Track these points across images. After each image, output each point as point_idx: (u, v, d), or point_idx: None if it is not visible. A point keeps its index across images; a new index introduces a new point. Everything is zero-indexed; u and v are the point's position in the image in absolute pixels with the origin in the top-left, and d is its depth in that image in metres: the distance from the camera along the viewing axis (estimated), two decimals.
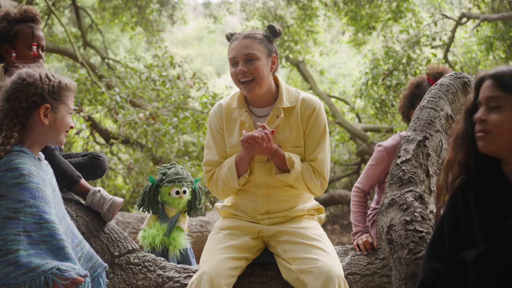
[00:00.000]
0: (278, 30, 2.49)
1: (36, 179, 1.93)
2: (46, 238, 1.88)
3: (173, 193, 3.14)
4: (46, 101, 2.02)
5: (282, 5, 10.47)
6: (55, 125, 2.05)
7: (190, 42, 23.79)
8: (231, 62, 2.46)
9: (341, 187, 10.64)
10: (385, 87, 8.17)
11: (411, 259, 1.92)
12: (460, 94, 2.58)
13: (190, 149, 7.54)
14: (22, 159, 1.93)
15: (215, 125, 2.57)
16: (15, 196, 1.85)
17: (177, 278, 2.56)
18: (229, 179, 2.47)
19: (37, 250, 1.85)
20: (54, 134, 2.06)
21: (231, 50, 2.44)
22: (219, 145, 2.56)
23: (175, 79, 7.17)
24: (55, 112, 2.04)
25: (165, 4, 10.75)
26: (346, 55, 14.55)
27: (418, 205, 2.12)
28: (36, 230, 1.86)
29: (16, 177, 1.88)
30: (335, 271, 2.20)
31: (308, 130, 2.48)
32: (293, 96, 2.52)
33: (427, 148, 2.34)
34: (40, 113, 2.01)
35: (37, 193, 1.90)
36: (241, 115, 2.50)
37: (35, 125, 2.02)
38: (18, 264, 1.79)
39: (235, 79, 2.45)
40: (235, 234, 2.48)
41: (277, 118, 2.46)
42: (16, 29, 2.71)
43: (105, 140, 8.60)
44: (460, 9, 9.91)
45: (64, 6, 9.99)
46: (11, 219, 1.83)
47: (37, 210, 1.88)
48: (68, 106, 2.09)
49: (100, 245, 2.57)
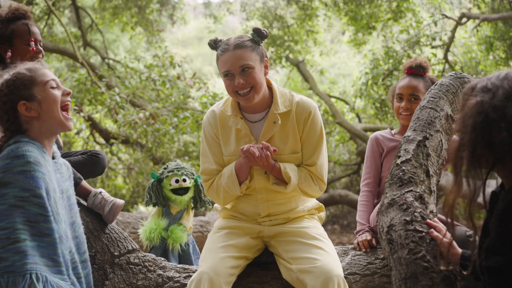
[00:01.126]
0: (265, 32, 2.44)
1: (42, 169, 1.91)
2: (49, 232, 1.88)
3: (173, 182, 3.16)
4: (16, 100, 1.99)
5: (282, 5, 10.47)
6: (44, 109, 2.01)
7: (190, 42, 23.79)
8: (224, 74, 2.38)
9: (341, 187, 10.65)
10: (385, 87, 8.17)
11: (411, 259, 1.91)
12: (460, 94, 2.58)
13: (190, 149, 7.54)
14: (30, 147, 1.92)
15: (210, 133, 2.52)
16: (21, 184, 1.84)
17: (177, 278, 2.56)
18: (230, 187, 2.45)
19: (39, 242, 1.85)
20: (51, 117, 2.02)
21: (224, 63, 2.36)
22: (215, 153, 2.52)
23: (175, 79, 7.17)
24: (35, 100, 2.00)
25: (165, 4, 10.76)
26: (346, 55, 14.56)
27: (418, 205, 2.12)
28: (41, 222, 1.86)
29: (22, 164, 1.86)
30: (335, 270, 2.20)
31: (305, 135, 2.46)
32: (287, 99, 2.48)
33: (427, 148, 2.34)
34: (22, 112, 1.99)
35: (43, 184, 1.89)
36: (237, 123, 2.46)
37: (29, 122, 2.01)
38: (26, 253, 1.80)
39: (231, 91, 2.39)
40: (235, 233, 2.48)
41: (274, 124, 2.44)
42: (11, 29, 2.72)
43: (105, 140, 8.60)
44: (460, 9, 9.91)
45: (64, 6, 10.00)
46: (18, 207, 1.83)
47: (43, 202, 1.87)
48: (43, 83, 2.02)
49: (100, 245, 2.57)
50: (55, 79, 2.07)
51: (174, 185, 3.18)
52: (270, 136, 2.45)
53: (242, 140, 2.47)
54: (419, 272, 1.87)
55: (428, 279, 1.84)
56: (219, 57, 2.40)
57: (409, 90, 2.87)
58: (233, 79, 2.37)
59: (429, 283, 1.83)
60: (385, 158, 2.87)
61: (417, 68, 2.93)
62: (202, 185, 3.27)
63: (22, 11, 2.76)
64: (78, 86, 7.21)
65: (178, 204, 3.22)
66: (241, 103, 2.44)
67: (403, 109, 2.88)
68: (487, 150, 1.61)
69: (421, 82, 2.89)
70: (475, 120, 1.62)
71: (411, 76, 2.94)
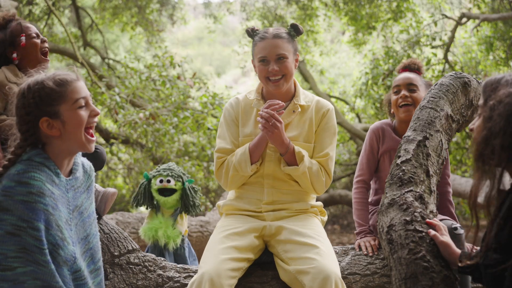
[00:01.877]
0: (301, 29, 2.62)
1: (46, 200, 1.83)
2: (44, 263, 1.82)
3: (158, 182, 3.18)
4: (40, 115, 1.88)
5: (282, 5, 10.48)
6: (67, 129, 1.90)
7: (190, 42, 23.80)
8: (260, 59, 2.55)
9: (341, 187, 10.65)
10: (385, 87, 8.18)
11: (411, 259, 1.91)
12: (460, 94, 2.58)
13: (190, 149, 7.54)
14: (37, 174, 1.84)
15: (231, 115, 2.65)
16: (20, 214, 1.79)
17: (177, 278, 2.56)
18: (241, 164, 2.51)
19: (34, 268, 1.81)
20: (73, 138, 1.91)
21: (262, 49, 2.54)
22: (233, 135, 2.62)
23: (175, 79, 7.17)
24: (59, 119, 1.89)
25: (165, 4, 10.76)
26: (346, 55, 14.57)
27: (418, 205, 2.12)
28: (36, 253, 1.81)
29: (24, 194, 1.80)
30: (332, 271, 2.20)
31: (320, 129, 2.61)
32: (308, 97, 2.67)
33: (427, 148, 2.34)
34: (43, 128, 1.88)
35: (43, 216, 1.83)
36: (259, 106, 2.60)
37: (49, 138, 1.91)
38: (15, 282, 1.78)
39: (263, 76, 2.56)
40: (237, 233, 2.47)
41: (293, 112, 2.59)
42: (9, 31, 2.74)
43: (105, 140, 8.60)
44: (460, 9, 9.92)
45: (64, 6, 10.00)
46: (14, 235, 1.79)
47: (39, 234, 1.82)
48: (72, 102, 1.89)
49: (100, 245, 2.57)
50: (86, 96, 1.94)
51: (158, 185, 3.20)
52: (288, 122, 2.58)
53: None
54: (419, 272, 1.87)
55: (428, 279, 1.84)
56: (257, 43, 2.57)
57: (406, 81, 2.82)
58: (267, 65, 2.53)
59: (429, 283, 1.83)
60: (381, 156, 2.85)
61: (411, 66, 2.91)
62: (190, 189, 3.28)
63: (11, 16, 2.79)
64: None
65: (162, 205, 3.24)
66: (270, 89, 2.59)
67: (402, 99, 2.80)
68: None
69: (417, 76, 2.86)
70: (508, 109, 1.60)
71: (406, 72, 2.91)
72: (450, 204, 2.78)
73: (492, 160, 1.63)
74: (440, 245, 1.95)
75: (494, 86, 1.69)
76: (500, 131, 1.60)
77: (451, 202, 2.79)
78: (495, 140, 1.61)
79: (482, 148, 1.65)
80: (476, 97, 2.64)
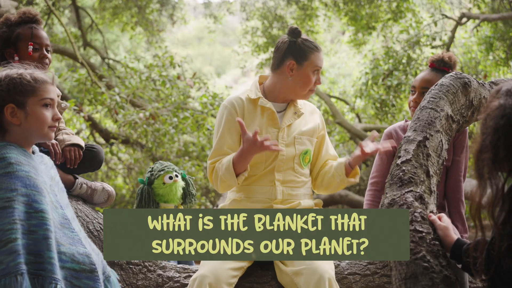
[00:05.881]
0: None
1: (25, 167, 1.91)
2: (34, 228, 1.86)
3: (167, 180, 3.15)
4: (8, 101, 1.96)
5: (282, 5, 10.48)
6: (28, 122, 1.99)
7: (190, 42, 23.82)
8: (315, 69, 2.58)
9: None
10: (385, 87, 8.19)
11: (411, 259, 1.92)
12: (460, 95, 2.58)
13: (190, 149, 7.55)
14: (8, 150, 1.92)
15: (234, 117, 2.55)
16: (6, 185, 1.85)
17: (177, 278, 2.56)
18: (227, 177, 2.46)
19: (27, 240, 1.84)
20: (33, 131, 2.01)
21: (320, 60, 2.60)
22: (232, 139, 2.55)
23: (175, 79, 7.17)
24: (24, 110, 1.98)
25: (165, 4, 10.77)
26: (346, 55, 14.56)
27: (418, 205, 2.12)
28: (26, 220, 1.85)
29: (4, 166, 1.87)
30: (325, 271, 2.21)
31: (323, 131, 2.72)
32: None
33: (427, 149, 2.34)
34: (6, 114, 1.97)
35: (28, 181, 1.89)
36: (266, 103, 2.58)
37: (10, 125, 1.99)
38: (19, 252, 1.80)
39: (309, 84, 2.58)
40: None
41: (295, 114, 2.62)
42: (17, 32, 2.69)
43: (105, 140, 8.60)
44: (460, 9, 9.93)
45: (64, 6, 10.00)
46: (5, 208, 1.82)
47: (28, 199, 1.87)
48: (39, 98, 2.00)
49: (101, 245, 2.57)
50: (53, 99, 2.05)
51: (169, 182, 3.18)
52: (289, 124, 2.61)
53: (266, 116, 2.57)
54: (419, 272, 1.87)
55: (428, 279, 1.84)
56: (314, 52, 2.58)
57: (421, 83, 2.77)
58: (316, 76, 2.60)
59: (429, 283, 1.83)
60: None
61: (439, 62, 2.82)
62: (189, 179, 3.28)
63: (30, 15, 2.74)
64: (78, 86, 7.22)
65: (173, 195, 3.22)
66: (306, 98, 2.66)
67: (413, 103, 2.77)
68: (509, 153, 1.60)
69: (439, 77, 2.72)
70: (497, 123, 1.62)
71: (431, 70, 2.83)
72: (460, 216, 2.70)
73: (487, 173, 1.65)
74: (439, 228, 2.00)
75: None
76: (489, 144, 1.63)
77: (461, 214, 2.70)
78: (485, 154, 1.64)
79: (476, 162, 1.69)
80: (476, 97, 2.64)
